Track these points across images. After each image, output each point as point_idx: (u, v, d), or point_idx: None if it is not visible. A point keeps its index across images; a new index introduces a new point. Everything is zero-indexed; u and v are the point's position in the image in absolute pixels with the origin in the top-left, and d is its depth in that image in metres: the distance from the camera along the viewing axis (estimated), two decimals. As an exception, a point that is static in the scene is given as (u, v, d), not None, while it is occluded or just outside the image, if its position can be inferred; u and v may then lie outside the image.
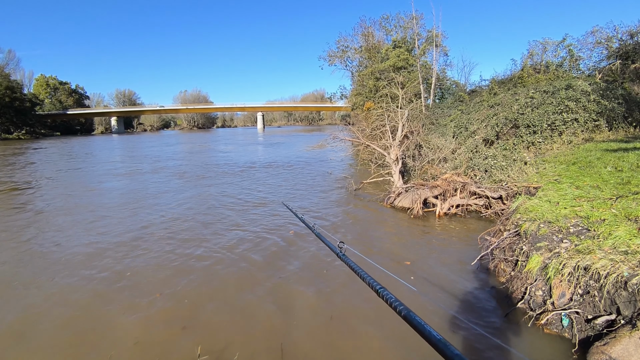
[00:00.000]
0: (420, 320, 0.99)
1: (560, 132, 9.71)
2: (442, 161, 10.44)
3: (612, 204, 4.47)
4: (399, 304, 1.11)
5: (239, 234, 6.60)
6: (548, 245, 4.02)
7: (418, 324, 0.98)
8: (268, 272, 4.96)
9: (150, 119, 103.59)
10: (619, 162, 6.49)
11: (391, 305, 1.13)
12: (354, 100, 23.24)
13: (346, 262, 1.62)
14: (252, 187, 11.42)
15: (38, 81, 78.87)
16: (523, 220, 4.90)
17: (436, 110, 17.05)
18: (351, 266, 1.53)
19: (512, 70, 16.93)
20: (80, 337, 3.56)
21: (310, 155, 20.46)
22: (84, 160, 21.52)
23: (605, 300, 3.12)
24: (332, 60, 28.18)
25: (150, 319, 3.84)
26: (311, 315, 3.88)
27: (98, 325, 3.74)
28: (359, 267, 1.48)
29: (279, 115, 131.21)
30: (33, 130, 60.73)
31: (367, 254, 5.63)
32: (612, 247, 3.46)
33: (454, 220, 7.12)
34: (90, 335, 3.58)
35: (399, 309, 1.09)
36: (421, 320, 0.99)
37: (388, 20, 24.71)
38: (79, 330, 3.68)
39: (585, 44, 14.37)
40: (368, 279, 1.35)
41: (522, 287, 3.92)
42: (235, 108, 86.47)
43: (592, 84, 10.80)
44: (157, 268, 5.16)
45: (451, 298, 4.13)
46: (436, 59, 20.89)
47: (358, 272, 1.45)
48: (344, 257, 1.69)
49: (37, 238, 6.67)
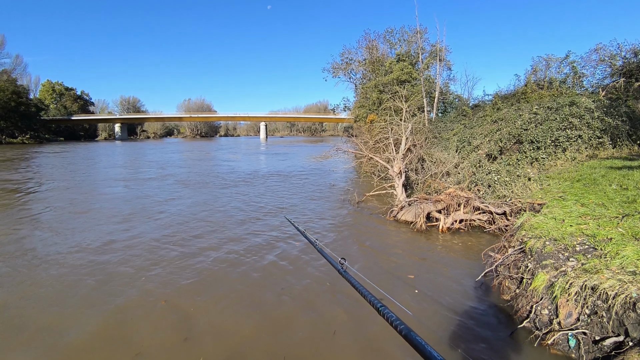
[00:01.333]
0: (420, 340, 0.98)
1: (564, 149, 9.70)
2: (444, 175, 10.42)
3: (619, 223, 4.43)
4: (400, 322, 1.10)
5: (240, 245, 6.57)
6: (554, 264, 3.98)
7: (419, 343, 0.97)
8: (269, 286, 4.92)
9: (153, 127, 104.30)
10: (624, 180, 6.46)
11: (392, 324, 1.13)
12: (357, 112, 23.33)
13: (347, 279, 1.61)
14: (253, 198, 11.40)
15: (44, 86, 79.74)
16: (528, 237, 4.86)
17: (439, 124, 17.10)
18: (352, 283, 1.53)
19: (515, 85, 16.98)
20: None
21: (313, 166, 20.49)
22: (95, 168, 21.58)
23: (614, 322, 3.07)
24: (336, 72, 28.40)
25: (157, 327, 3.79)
26: (314, 330, 3.82)
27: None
28: (360, 284, 1.47)
29: (281, 125, 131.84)
30: (37, 135, 61.02)
31: (370, 267, 5.60)
32: (619, 267, 3.42)
33: (457, 236, 7.07)
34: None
35: (400, 328, 1.08)
36: (422, 340, 0.98)
37: (392, 34, 24.97)
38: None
39: (589, 61, 14.44)
40: (369, 296, 1.35)
41: (528, 306, 3.86)
42: (239, 117, 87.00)
43: (596, 101, 10.83)
44: (166, 283, 5.12)
45: (454, 315, 4.07)
46: (440, 73, 21.03)
47: (359, 289, 1.44)
48: (345, 273, 1.68)
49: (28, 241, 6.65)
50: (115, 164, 23.90)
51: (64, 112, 77.63)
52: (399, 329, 1.07)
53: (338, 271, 1.75)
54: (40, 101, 70.50)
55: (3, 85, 56.75)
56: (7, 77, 61.49)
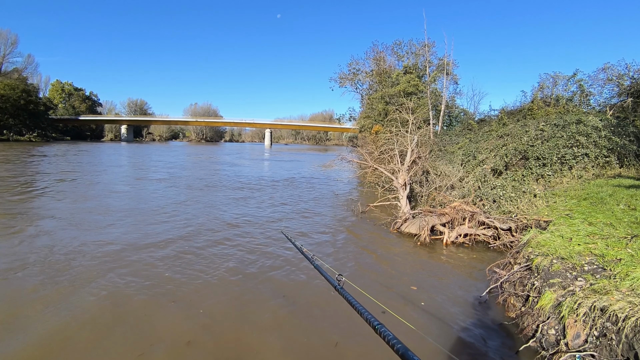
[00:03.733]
0: (418, 359, 0.98)
1: (571, 167, 9.65)
2: (449, 189, 10.38)
3: (628, 244, 4.36)
4: (397, 342, 1.09)
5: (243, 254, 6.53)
6: (562, 283, 3.91)
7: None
8: (269, 295, 4.86)
9: (159, 129, 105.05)
10: (632, 200, 6.39)
11: (388, 342, 1.12)
12: (363, 123, 23.43)
13: (344, 296, 1.59)
14: (255, 205, 11.38)
15: (54, 86, 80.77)
16: (535, 254, 4.79)
17: (444, 137, 17.12)
18: (349, 300, 1.51)
19: (522, 101, 17.02)
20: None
21: (317, 174, 20.48)
22: (110, 171, 21.67)
23: (623, 345, 2.99)
24: (342, 82, 28.64)
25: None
26: (317, 339, 3.76)
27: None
28: (357, 302, 1.46)
29: (286, 132, 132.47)
30: (44, 133, 61.58)
31: (371, 278, 5.53)
32: (630, 288, 3.35)
33: (461, 250, 7.00)
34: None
35: (397, 347, 1.07)
36: (419, 359, 0.98)
37: (400, 46, 25.22)
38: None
39: (596, 80, 14.47)
40: (366, 314, 1.34)
41: (534, 324, 3.78)
42: (244, 123, 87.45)
43: (603, 119, 10.81)
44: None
45: (457, 330, 3.99)
46: (446, 87, 21.16)
47: (356, 307, 1.43)
48: (342, 290, 1.65)
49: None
50: (141, 165, 24.00)
51: (72, 112, 78.44)
52: (396, 348, 1.07)
53: (335, 287, 1.74)
54: (49, 100, 71.36)
55: (14, 83, 57.54)
56: (18, 76, 62.39)
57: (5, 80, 57.46)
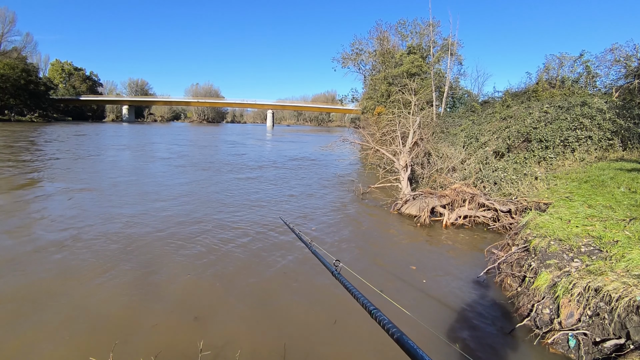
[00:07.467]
0: (412, 344, 0.99)
1: (573, 149, 9.59)
2: (450, 171, 10.37)
3: (626, 226, 4.39)
4: (392, 326, 1.10)
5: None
6: (558, 264, 3.96)
7: (410, 347, 0.98)
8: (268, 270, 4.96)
9: (161, 110, 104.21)
10: (633, 183, 6.39)
11: (384, 327, 1.13)
12: (365, 104, 23.16)
13: (341, 281, 1.60)
14: (256, 187, 11.43)
15: (53, 66, 79.67)
16: (533, 236, 4.84)
17: (447, 119, 16.95)
18: (346, 285, 1.52)
19: (526, 83, 16.72)
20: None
21: (319, 155, 20.46)
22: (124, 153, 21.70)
23: (616, 324, 3.06)
24: (345, 62, 28.11)
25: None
26: (315, 318, 3.86)
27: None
28: (354, 287, 1.47)
29: (288, 114, 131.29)
30: (46, 114, 61.23)
31: (371, 258, 5.62)
32: (625, 269, 3.40)
33: (461, 231, 7.06)
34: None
35: (392, 331, 1.08)
36: (414, 344, 0.99)
37: (404, 25, 24.56)
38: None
39: (603, 61, 14.13)
40: (362, 299, 1.35)
41: (529, 304, 3.86)
42: (246, 104, 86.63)
43: (608, 102, 10.65)
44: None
45: (453, 309, 4.08)
46: (450, 68, 20.76)
47: (352, 292, 1.44)
48: (339, 275, 1.67)
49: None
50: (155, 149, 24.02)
51: (73, 92, 77.67)
52: (391, 332, 1.08)
53: (332, 273, 1.75)
54: (50, 80, 70.58)
55: (13, 62, 56.75)
56: (17, 55, 61.51)
57: (5, 59, 56.70)
